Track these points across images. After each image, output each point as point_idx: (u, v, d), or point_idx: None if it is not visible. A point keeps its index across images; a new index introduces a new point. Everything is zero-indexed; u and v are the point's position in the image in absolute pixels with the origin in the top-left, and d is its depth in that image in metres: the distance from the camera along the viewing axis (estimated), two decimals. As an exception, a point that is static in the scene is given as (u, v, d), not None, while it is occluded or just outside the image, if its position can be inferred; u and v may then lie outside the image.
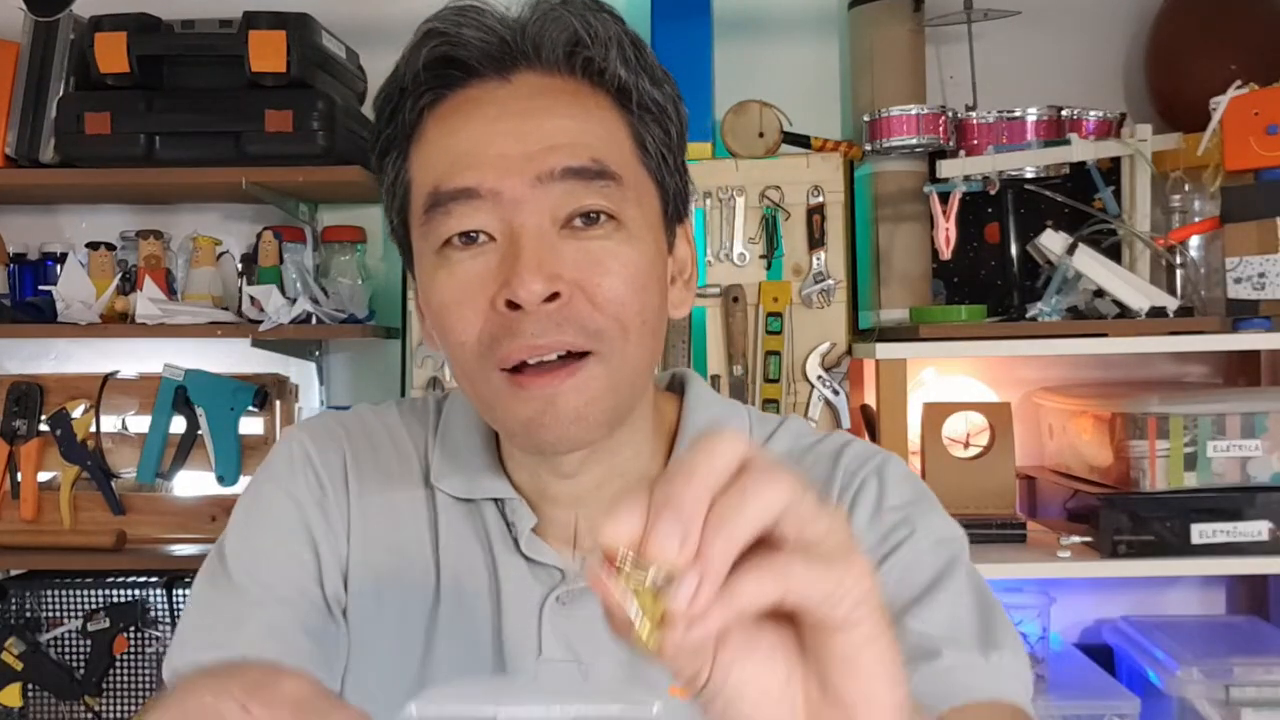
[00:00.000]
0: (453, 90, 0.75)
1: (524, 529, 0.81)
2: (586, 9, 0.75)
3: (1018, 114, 1.73)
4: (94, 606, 1.96)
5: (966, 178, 1.70)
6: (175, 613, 1.94)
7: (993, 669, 0.72)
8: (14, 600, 1.97)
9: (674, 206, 0.81)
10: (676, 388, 0.89)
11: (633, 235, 0.74)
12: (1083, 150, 1.69)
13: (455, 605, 0.82)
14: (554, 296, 0.71)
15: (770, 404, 1.81)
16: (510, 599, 0.81)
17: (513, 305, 0.71)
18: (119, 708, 1.94)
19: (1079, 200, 1.72)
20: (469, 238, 0.73)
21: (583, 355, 0.72)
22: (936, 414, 1.80)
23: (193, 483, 2.04)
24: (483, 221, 0.73)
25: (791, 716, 0.46)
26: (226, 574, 0.81)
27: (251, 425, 2.02)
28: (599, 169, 0.73)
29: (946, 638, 0.73)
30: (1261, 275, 1.57)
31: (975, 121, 1.74)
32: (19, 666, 1.92)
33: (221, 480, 2.00)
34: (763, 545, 0.43)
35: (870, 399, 1.82)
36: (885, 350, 1.64)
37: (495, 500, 0.83)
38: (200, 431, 1.99)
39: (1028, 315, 1.68)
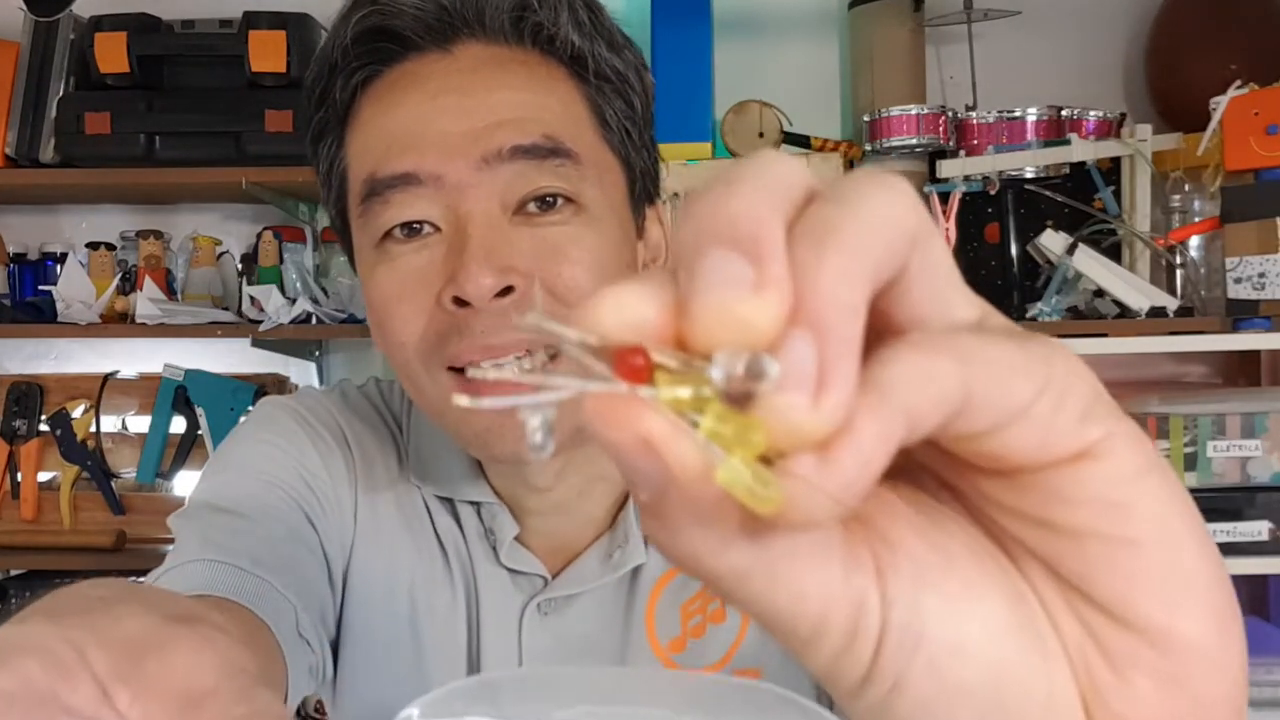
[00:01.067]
0: (388, 66, 0.68)
1: (505, 538, 0.75)
2: None
3: (1018, 114, 1.73)
4: (94, 606, 1.96)
5: (966, 178, 1.70)
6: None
7: None
8: (14, 600, 1.97)
9: (641, 185, 0.73)
10: None
11: (594, 218, 0.67)
12: (1083, 150, 1.68)
13: (458, 607, 0.77)
14: (507, 291, 0.63)
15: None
16: (489, 607, 0.76)
17: (460, 302, 0.64)
18: (119, 708, 1.94)
19: (1079, 200, 1.72)
20: (411, 229, 0.66)
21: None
22: (936, 414, 1.80)
23: (193, 483, 2.03)
24: (424, 210, 0.66)
25: (1051, 685, 0.26)
26: (213, 508, 0.72)
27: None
28: (552, 146, 0.66)
29: None
30: (1262, 275, 1.57)
31: (975, 121, 1.74)
32: (19, 666, 1.92)
33: (221, 480, 2.00)
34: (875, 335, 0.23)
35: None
36: (885, 350, 1.64)
37: (472, 503, 0.76)
38: (200, 431, 2.00)
39: (1028, 315, 1.68)
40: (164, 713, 0.30)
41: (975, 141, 1.74)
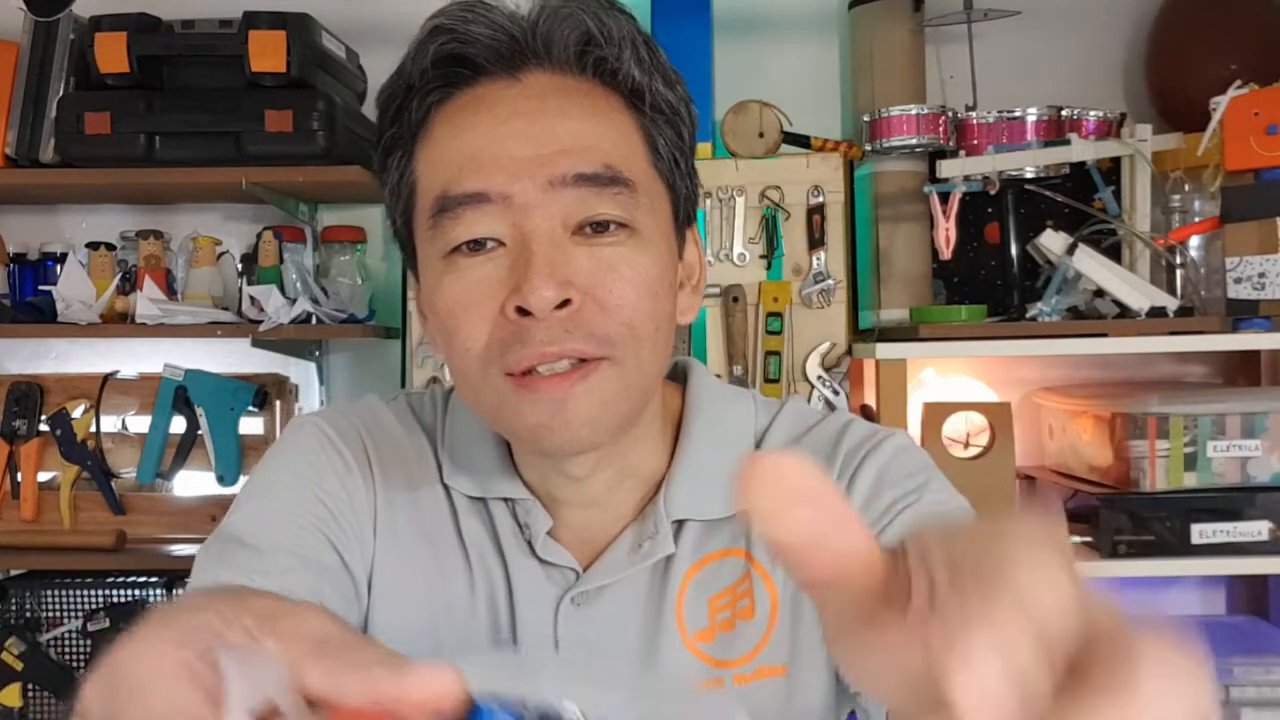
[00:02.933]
0: (460, 89, 0.73)
1: (539, 531, 0.79)
2: (599, 7, 0.73)
3: (1018, 114, 1.73)
4: (94, 606, 1.96)
5: (966, 178, 1.70)
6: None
7: None
8: (14, 600, 1.97)
9: (684, 210, 0.79)
10: (679, 376, 0.87)
11: (645, 241, 0.73)
12: (1083, 150, 1.69)
13: (478, 604, 0.81)
14: (565, 303, 0.69)
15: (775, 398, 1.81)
16: (524, 600, 0.80)
17: (523, 312, 0.69)
18: (119, 708, 1.94)
19: (1079, 200, 1.72)
20: (477, 244, 0.71)
21: (596, 360, 0.70)
22: (937, 414, 1.80)
23: (193, 483, 2.04)
24: (492, 227, 0.71)
25: None
26: (237, 541, 0.76)
27: (251, 425, 2.02)
28: (612, 175, 0.71)
29: None
30: (1262, 275, 1.57)
31: (975, 121, 1.74)
32: (19, 666, 1.92)
33: (221, 480, 2.00)
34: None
35: (870, 399, 1.82)
36: (885, 350, 1.64)
37: (506, 500, 0.81)
38: (200, 431, 2.00)
39: (1028, 315, 1.68)
40: (299, 649, 0.39)
41: (975, 141, 1.74)
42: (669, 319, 0.75)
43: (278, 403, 2.03)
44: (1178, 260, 1.73)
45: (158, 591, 1.96)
